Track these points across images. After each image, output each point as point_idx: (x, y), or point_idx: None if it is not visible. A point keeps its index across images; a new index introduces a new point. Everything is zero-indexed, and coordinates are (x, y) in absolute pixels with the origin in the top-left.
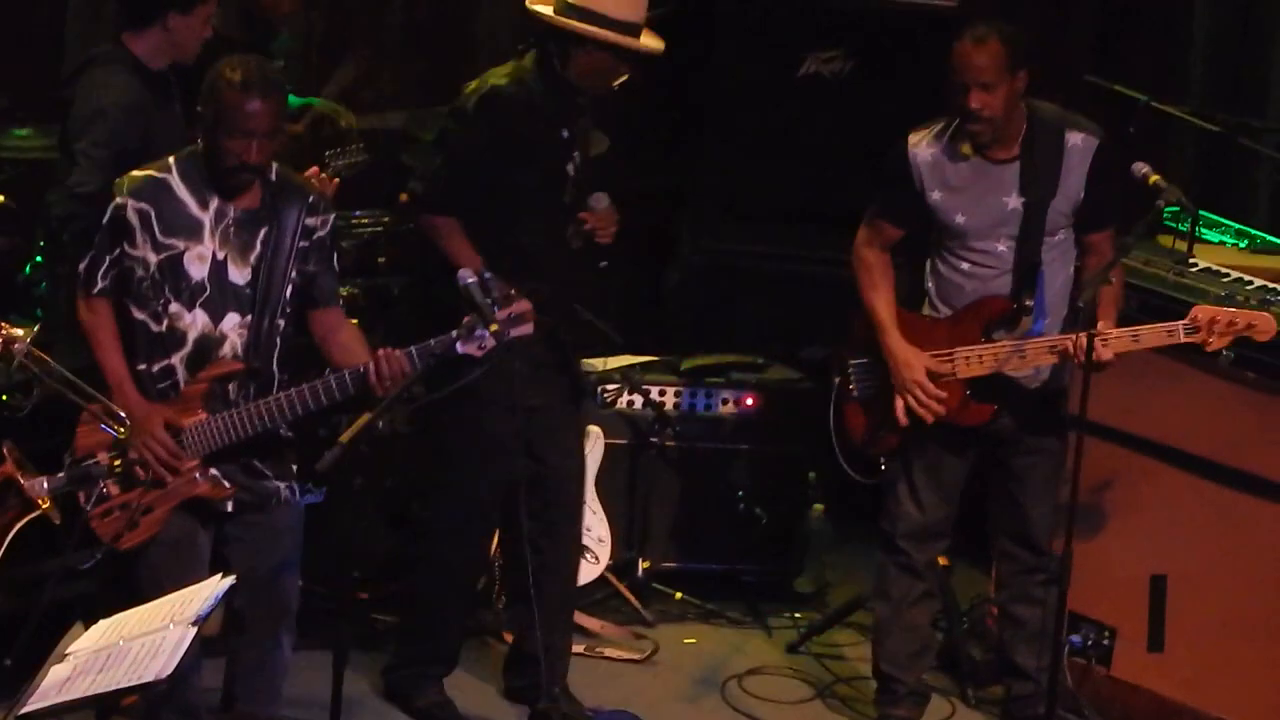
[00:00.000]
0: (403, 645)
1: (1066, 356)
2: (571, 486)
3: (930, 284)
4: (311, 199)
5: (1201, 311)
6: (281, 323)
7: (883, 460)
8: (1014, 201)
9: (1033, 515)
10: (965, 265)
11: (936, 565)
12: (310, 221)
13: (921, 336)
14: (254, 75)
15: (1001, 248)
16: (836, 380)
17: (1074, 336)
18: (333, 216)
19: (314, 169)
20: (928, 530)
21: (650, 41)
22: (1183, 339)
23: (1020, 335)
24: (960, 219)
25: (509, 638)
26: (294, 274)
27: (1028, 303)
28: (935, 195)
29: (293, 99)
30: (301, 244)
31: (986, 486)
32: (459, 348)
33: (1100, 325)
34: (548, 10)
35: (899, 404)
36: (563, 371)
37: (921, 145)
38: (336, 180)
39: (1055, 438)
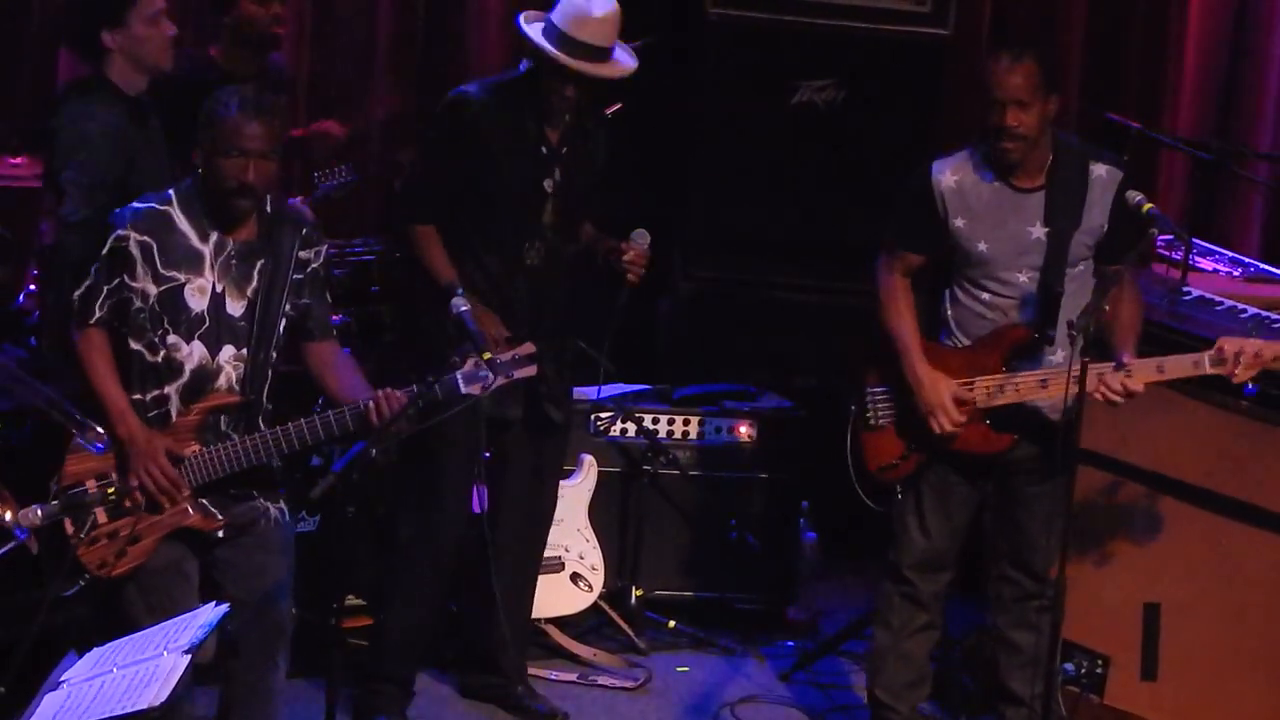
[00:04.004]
0: (370, 661)
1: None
2: (537, 494)
3: (949, 313)
4: (305, 231)
5: (1228, 343)
6: (274, 354)
7: (898, 488)
8: (1038, 231)
9: (1038, 542)
10: (985, 295)
11: (941, 598)
12: (304, 254)
13: (941, 365)
14: (249, 98)
15: (1023, 278)
16: (853, 408)
17: (1103, 367)
18: (325, 248)
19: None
20: (933, 560)
21: (602, 69)
22: (1208, 370)
23: (1041, 365)
24: (982, 247)
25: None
26: (288, 306)
27: (1050, 333)
28: (958, 222)
29: None
30: (295, 276)
31: (990, 510)
32: (463, 388)
33: (1125, 357)
34: (535, 28)
35: (932, 424)
36: (542, 390)
37: (945, 172)
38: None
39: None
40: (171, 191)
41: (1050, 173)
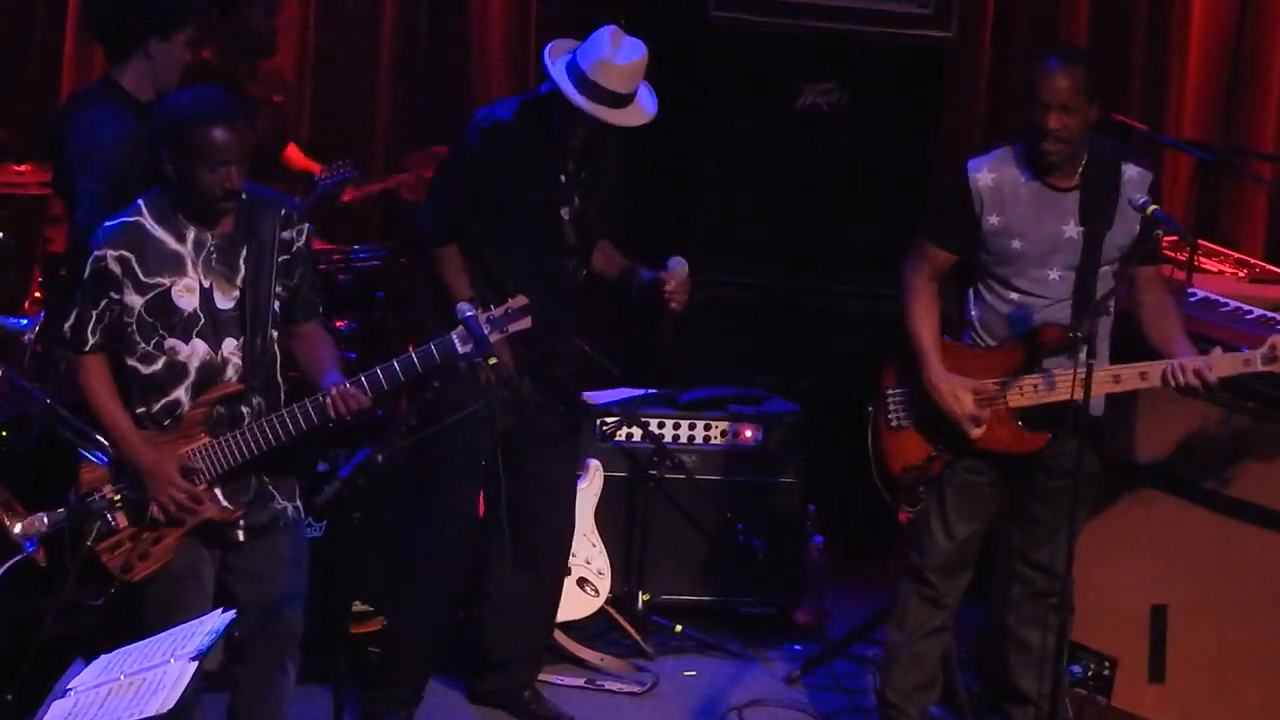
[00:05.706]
0: (383, 667)
1: (1166, 383)
2: (555, 504)
3: (974, 313)
4: (284, 212)
5: None
6: (275, 333)
7: (923, 489)
8: (1071, 230)
9: (1056, 540)
10: (1015, 295)
11: (959, 602)
12: (286, 235)
13: (964, 366)
14: (212, 106)
15: (1054, 276)
16: (872, 410)
17: (1170, 364)
18: (308, 227)
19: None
20: (956, 562)
21: (618, 115)
22: (1259, 368)
23: (1076, 365)
24: (1017, 244)
25: None
26: (279, 288)
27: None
28: (993, 220)
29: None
30: (282, 258)
31: (1008, 506)
32: (460, 348)
33: (1179, 356)
34: (560, 63)
35: (969, 433)
36: (556, 401)
37: (983, 169)
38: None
39: (1091, 467)
40: (140, 201)
41: (1084, 173)
